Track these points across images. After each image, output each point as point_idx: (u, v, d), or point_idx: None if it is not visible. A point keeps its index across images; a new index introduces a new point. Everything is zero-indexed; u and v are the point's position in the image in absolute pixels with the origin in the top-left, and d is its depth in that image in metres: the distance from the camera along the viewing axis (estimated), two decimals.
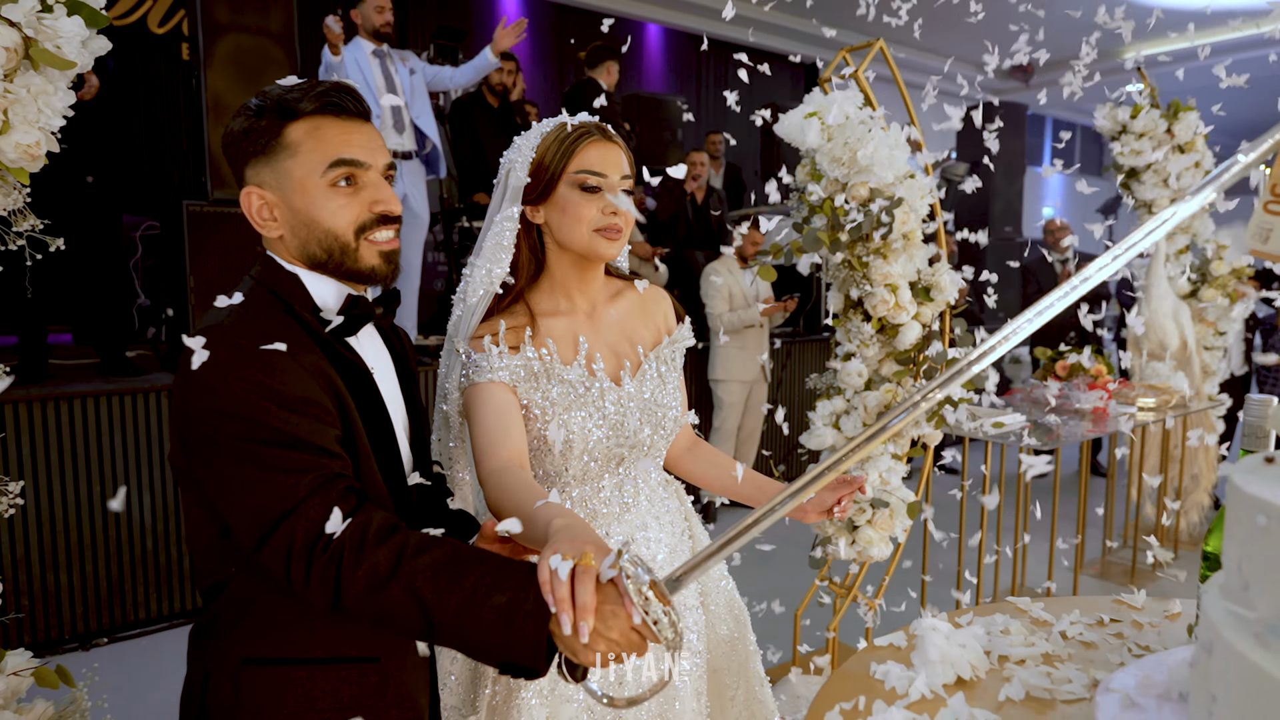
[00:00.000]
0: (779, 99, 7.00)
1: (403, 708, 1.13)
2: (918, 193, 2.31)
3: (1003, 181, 7.89)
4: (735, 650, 1.51)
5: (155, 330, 4.89)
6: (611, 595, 0.84)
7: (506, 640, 0.86)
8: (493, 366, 1.27)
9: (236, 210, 3.58)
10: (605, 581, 0.83)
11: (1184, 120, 3.89)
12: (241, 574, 1.07)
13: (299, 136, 1.07)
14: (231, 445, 0.97)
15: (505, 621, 0.86)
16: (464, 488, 1.45)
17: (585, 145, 1.27)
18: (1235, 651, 0.68)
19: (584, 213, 1.26)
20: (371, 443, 1.11)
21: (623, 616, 0.83)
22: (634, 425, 1.33)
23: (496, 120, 5.04)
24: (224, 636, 1.08)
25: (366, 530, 0.94)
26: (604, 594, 0.83)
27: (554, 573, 0.81)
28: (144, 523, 3.45)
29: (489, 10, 7.89)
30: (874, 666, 1.05)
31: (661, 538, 1.40)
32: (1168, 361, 3.95)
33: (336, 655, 1.08)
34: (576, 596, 0.80)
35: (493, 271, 1.31)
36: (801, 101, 2.38)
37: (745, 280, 4.95)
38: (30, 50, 1.32)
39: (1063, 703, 0.97)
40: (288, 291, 1.10)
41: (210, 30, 3.57)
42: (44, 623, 3.23)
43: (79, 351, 4.27)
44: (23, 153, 1.36)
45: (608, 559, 0.83)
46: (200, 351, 0.99)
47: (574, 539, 0.86)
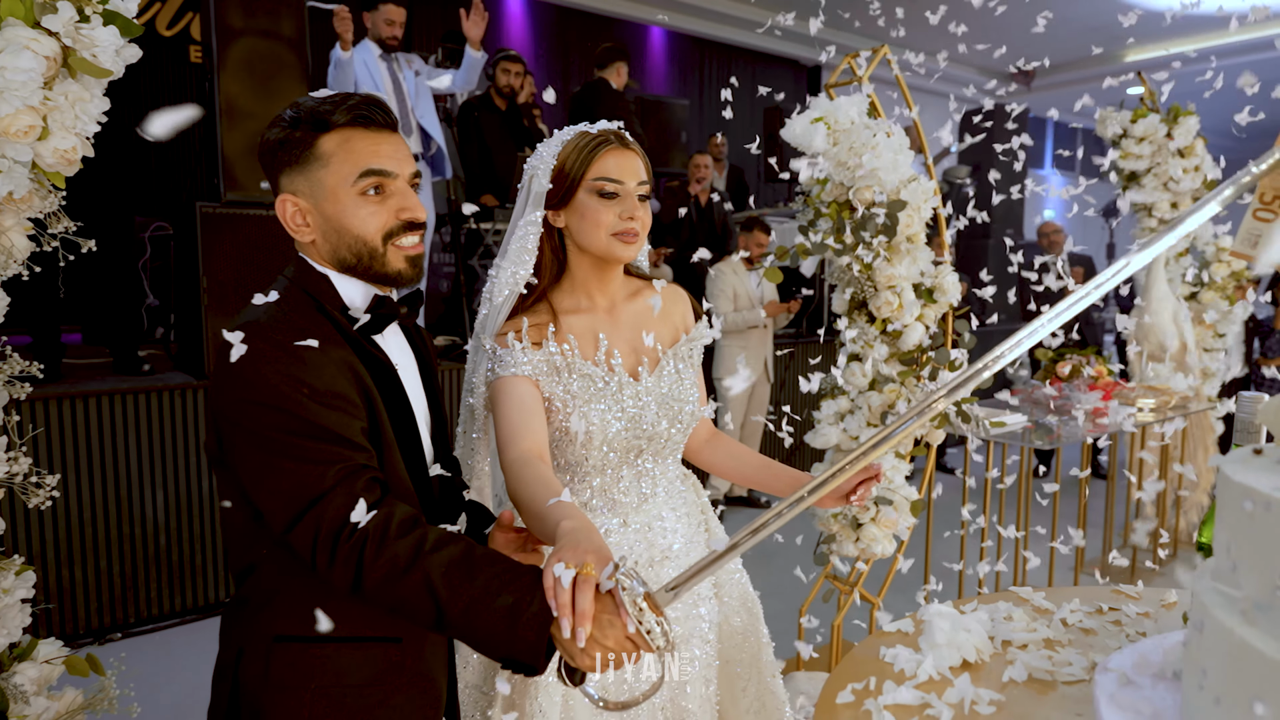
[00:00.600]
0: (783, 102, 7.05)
1: (422, 685, 1.19)
2: (921, 196, 2.36)
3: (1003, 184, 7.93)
4: (747, 641, 1.56)
5: (164, 330, 4.94)
6: (609, 604, 0.90)
7: (510, 638, 0.93)
8: (517, 361, 1.33)
9: (249, 212, 3.66)
10: (604, 591, 0.90)
11: (1183, 125, 3.94)
12: (272, 556, 1.12)
13: (331, 147, 1.12)
14: (265, 434, 1.03)
15: (510, 621, 0.92)
16: (483, 477, 1.52)
17: (604, 153, 1.33)
18: (1224, 628, 0.73)
19: (602, 217, 1.32)
20: (396, 435, 1.17)
21: (618, 625, 0.89)
22: (652, 419, 1.39)
23: (504, 122, 5.10)
24: (256, 615, 1.14)
25: (389, 522, 1.00)
26: (602, 603, 0.90)
27: (558, 580, 0.88)
28: (157, 520, 3.50)
29: (497, 13, 7.94)
30: (883, 650, 1.10)
31: (678, 528, 1.45)
32: (1167, 363, 4.00)
33: (361, 635, 1.13)
34: (577, 603, 0.87)
35: (517, 273, 1.38)
36: (803, 103, 2.43)
37: (750, 282, 5.00)
38: (69, 59, 1.37)
39: (1063, 684, 1.02)
40: (319, 291, 1.16)
41: (223, 34, 3.62)
42: (59, 618, 3.28)
43: (90, 351, 4.33)
44: (60, 157, 1.41)
45: (606, 570, 0.90)
46: (239, 345, 1.04)
47: (577, 547, 0.92)
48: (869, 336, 2.47)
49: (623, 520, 1.41)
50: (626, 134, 1.37)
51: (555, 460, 1.40)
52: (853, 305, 2.53)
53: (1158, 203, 4.07)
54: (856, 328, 2.51)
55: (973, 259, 6.52)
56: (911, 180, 2.36)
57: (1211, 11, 1.50)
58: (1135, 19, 2.19)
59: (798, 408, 5.87)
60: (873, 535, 2.52)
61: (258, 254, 3.72)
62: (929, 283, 2.45)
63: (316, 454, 1.03)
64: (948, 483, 5.52)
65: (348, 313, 1.17)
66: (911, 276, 2.41)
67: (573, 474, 1.41)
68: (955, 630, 1.06)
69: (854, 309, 2.53)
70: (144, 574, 3.49)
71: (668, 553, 1.43)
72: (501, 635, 0.93)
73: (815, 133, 2.34)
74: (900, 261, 2.39)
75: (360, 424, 1.10)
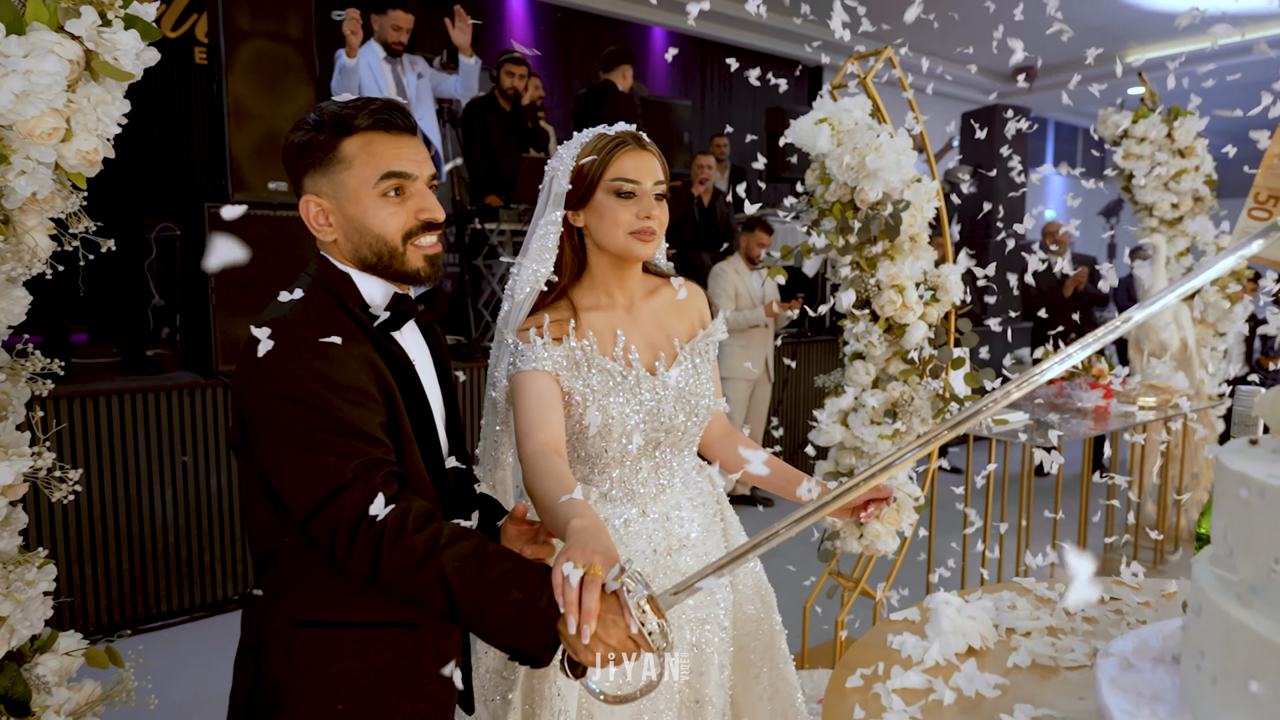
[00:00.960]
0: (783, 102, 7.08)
1: (438, 669, 1.22)
2: (924, 196, 2.39)
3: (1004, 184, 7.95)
4: (761, 629, 1.60)
5: (169, 330, 4.98)
6: (614, 605, 0.94)
7: (519, 631, 0.98)
8: (537, 356, 1.37)
9: (257, 213, 3.69)
10: (609, 592, 0.94)
11: (1184, 125, 3.96)
12: (293, 545, 1.16)
13: (353, 150, 1.16)
14: (289, 428, 1.07)
15: (519, 615, 0.97)
16: (506, 468, 1.56)
17: (621, 154, 1.37)
18: (1220, 610, 0.76)
19: (620, 217, 1.36)
20: (414, 428, 1.21)
21: (622, 625, 0.94)
22: (669, 412, 1.43)
23: (508, 123, 5.13)
24: (277, 602, 1.18)
25: (406, 516, 1.04)
26: (607, 603, 0.94)
27: (566, 579, 0.92)
28: (165, 518, 3.53)
29: (501, 16, 7.98)
30: (890, 637, 1.13)
31: (694, 517, 1.50)
32: (1168, 362, 4.02)
33: (380, 620, 1.17)
34: (583, 602, 0.91)
35: (538, 270, 1.42)
36: (805, 103, 2.46)
37: (752, 281, 5.03)
38: (91, 62, 1.40)
39: (1066, 669, 1.05)
40: (341, 289, 1.20)
41: (231, 36, 3.66)
42: (69, 615, 3.32)
43: (97, 351, 4.37)
44: (82, 159, 1.44)
45: (612, 571, 0.94)
46: (266, 341, 1.07)
47: (585, 547, 0.96)
48: (872, 335, 2.50)
49: (641, 510, 1.46)
50: (644, 135, 1.41)
51: (576, 452, 1.44)
52: (856, 304, 2.56)
53: (1158, 203, 4.10)
54: (860, 326, 2.54)
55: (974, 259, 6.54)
56: (915, 181, 2.39)
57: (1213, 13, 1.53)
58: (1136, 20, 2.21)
59: (800, 407, 5.90)
60: (876, 532, 2.55)
61: (265, 254, 3.74)
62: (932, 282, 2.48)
63: (338, 448, 1.07)
64: (950, 481, 5.55)
65: (368, 310, 1.20)
66: (914, 275, 2.44)
67: (593, 465, 1.45)
68: (961, 618, 1.10)
69: (857, 308, 2.56)
70: (153, 572, 3.52)
71: (685, 541, 1.48)
72: (511, 628, 0.98)
73: (820, 134, 2.37)
74: (903, 260, 2.42)
75: (379, 419, 1.13)
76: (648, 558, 1.44)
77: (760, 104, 7.94)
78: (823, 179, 2.49)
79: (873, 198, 2.33)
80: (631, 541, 1.43)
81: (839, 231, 2.44)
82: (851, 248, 2.43)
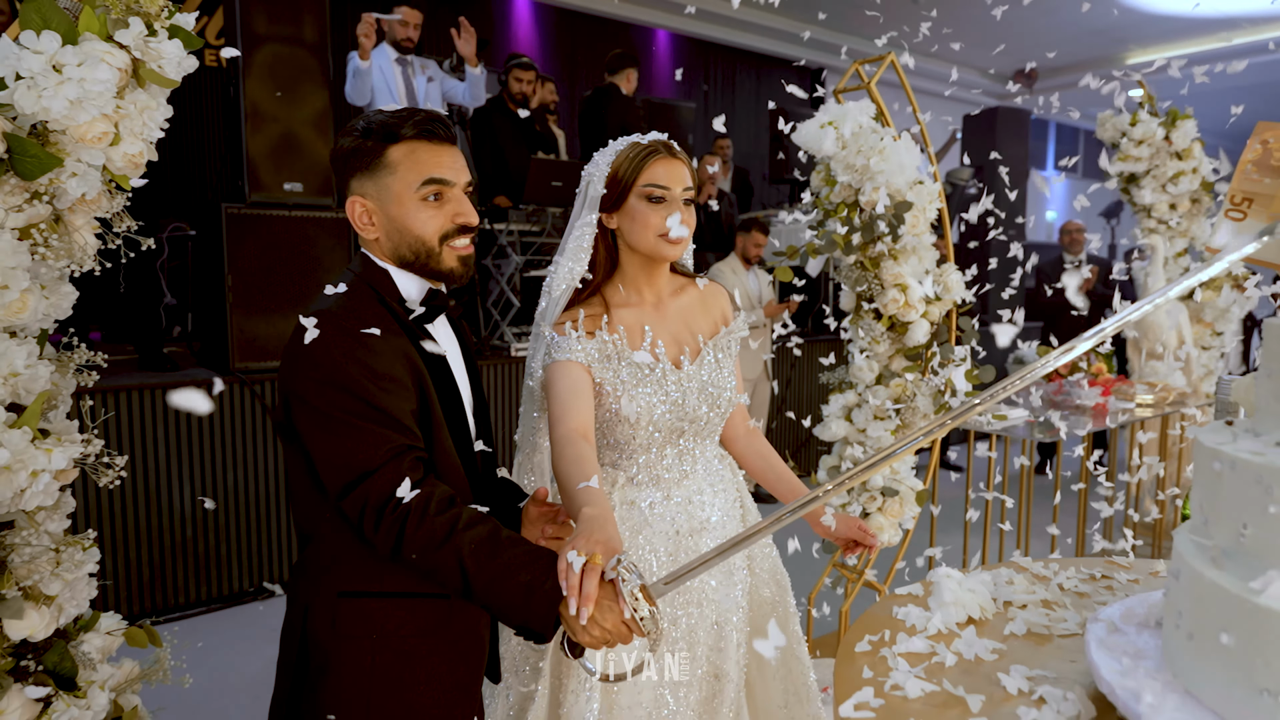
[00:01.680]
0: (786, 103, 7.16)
1: (467, 637, 1.33)
2: (926, 197, 2.47)
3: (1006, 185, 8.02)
4: (775, 611, 1.69)
5: (181, 329, 5.06)
6: (610, 592, 1.04)
7: (525, 610, 1.07)
8: (571, 348, 1.47)
9: (272, 213, 3.77)
10: (608, 580, 1.04)
11: (1181, 128, 4.04)
12: (334, 523, 1.25)
13: (398, 157, 1.25)
14: (328, 411, 1.17)
15: (526, 595, 1.07)
16: (543, 452, 1.66)
17: (653, 161, 1.47)
18: (1196, 572, 0.84)
19: (651, 220, 1.46)
20: (445, 414, 1.29)
21: (616, 611, 1.03)
22: (693, 403, 1.53)
23: (517, 127, 5.22)
24: (322, 574, 1.27)
25: (429, 500, 1.14)
26: (605, 590, 1.03)
27: (569, 565, 1.01)
28: (184, 511, 3.61)
29: (509, 20, 8.06)
30: (895, 609, 1.21)
31: (715, 502, 1.60)
32: (1166, 359, 4.10)
33: (415, 590, 1.26)
34: (583, 587, 1.00)
35: (574, 269, 1.52)
36: (807, 103, 2.54)
37: (749, 281, 5.11)
38: (138, 70, 1.48)
39: (1059, 636, 1.13)
40: (380, 284, 1.29)
41: (249, 40, 3.74)
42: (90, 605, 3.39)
43: (110, 349, 4.44)
44: (128, 162, 1.52)
45: (610, 561, 1.04)
46: (312, 330, 1.16)
47: (590, 536, 1.05)
48: (875, 333, 2.58)
49: (665, 494, 1.55)
50: (674, 145, 1.50)
51: (605, 439, 1.54)
52: (859, 302, 2.64)
53: (1156, 204, 4.17)
54: (863, 325, 2.62)
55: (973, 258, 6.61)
56: (917, 183, 2.46)
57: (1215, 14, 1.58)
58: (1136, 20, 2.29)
59: (800, 406, 5.98)
60: (879, 525, 2.62)
61: (281, 253, 3.83)
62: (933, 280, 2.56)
63: (371, 433, 1.16)
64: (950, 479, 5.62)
65: (404, 304, 1.29)
66: (917, 275, 2.52)
67: (621, 451, 1.55)
68: (961, 590, 1.18)
69: (860, 306, 2.64)
70: (172, 564, 3.60)
71: (706, 524, 1.57)
72: (518, 606, 1.08)
73: (825, 136, 2.44)
74: (906, 260, 2.50)
75: (410, 406, 1.22)
76: (670, 539, 1.53)
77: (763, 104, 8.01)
78: (828, 180, 2.57)
79: (876, 199, 2.41)
80: (656, 523, 1.53)
81: (845, 232, 2.52)
82: (855, 248, 2.51)
